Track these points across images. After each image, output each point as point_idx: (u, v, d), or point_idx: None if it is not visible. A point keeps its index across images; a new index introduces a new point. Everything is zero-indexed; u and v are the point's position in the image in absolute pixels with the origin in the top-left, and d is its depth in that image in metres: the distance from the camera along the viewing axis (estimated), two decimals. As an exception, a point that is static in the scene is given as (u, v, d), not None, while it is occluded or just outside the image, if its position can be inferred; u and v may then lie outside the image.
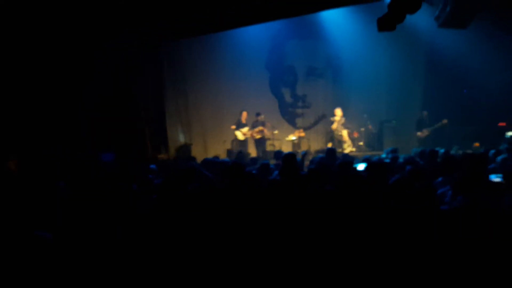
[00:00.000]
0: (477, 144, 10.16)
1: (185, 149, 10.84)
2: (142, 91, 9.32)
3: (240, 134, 11.01)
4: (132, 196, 3.73)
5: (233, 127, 11.02)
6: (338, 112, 11.16)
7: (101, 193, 3.82)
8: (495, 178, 4.01)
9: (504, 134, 10.10)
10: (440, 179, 4.23)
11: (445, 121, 10.57)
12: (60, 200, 3.85)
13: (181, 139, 11.42)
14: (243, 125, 11.00)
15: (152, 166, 6.03)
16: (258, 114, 11.14)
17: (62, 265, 2.52)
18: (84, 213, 3.27)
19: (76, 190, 4.10)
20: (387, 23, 5.60)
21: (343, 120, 11.17)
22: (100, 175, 4.86)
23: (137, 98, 9.08)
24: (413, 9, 5.17)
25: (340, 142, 11.17)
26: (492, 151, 5.80)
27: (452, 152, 7.74)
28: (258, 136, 11.12)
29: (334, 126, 11.14)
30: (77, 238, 2.87)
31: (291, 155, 5.21)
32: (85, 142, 7.56)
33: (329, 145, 11.06)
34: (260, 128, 10.95)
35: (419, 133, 11.04)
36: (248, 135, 11.05)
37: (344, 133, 11.12)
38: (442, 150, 6.64)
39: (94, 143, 7.82)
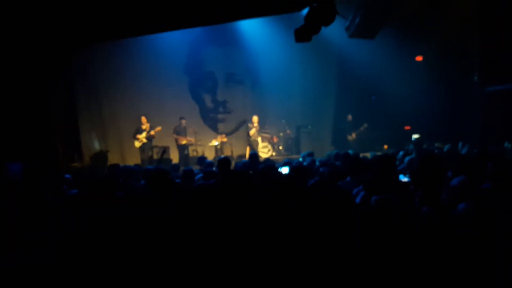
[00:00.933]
0: (386, 146, 11.08)
1: (101, 156, 10.33)
2: (51, 97, 8.69)
3: (136, 142, 10.70)
4: (46, 208, 3.47)
5: (132, 136, 10.71)
6: (255, 119, 11.42)
7: (9, 208, 3.52)
8: (404, 178, 4.40)
9: (410, 136, 11.15)
10: (348, 178, 4.53)
11: (365, 125, 11.36)
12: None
13: (96, 146, 10.86)
14: (142, 131, 10.67)
15: (67, 175, 5.67)
16: (181, 118, 11.00)
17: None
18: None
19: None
20: (303, 34, 5.89)
21: (258, 127, 11.45)
22: (7, 188, 4.44)
23: (46, 105, 8.45)
24: (328, 22, 5.50)
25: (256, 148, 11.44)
26: (401, 153, 6.34)
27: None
28: (183, 142, 10.96)
29: (252, 132, 11.37)
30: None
31: (226, 160, 5.27)
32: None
33: (247, 149, 11.29)
34: (151, 133, 10.62)
35: (349, 137, 11.73)
36: (144, 141, 10.70)
37: (259, 139, 11.43)
38: (351, 152, 7.13)
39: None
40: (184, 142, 11.01)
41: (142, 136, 10.60)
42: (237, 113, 12.78)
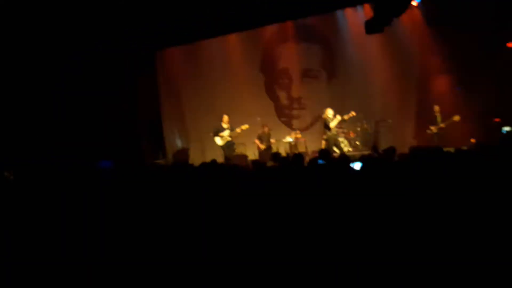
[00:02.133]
0: (473, 140, 10.20)
1: (183, 153, 10.88)
2: (138, 97, 9.36)
3: (218, 139, 10.81)
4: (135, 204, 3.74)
5: (211, 134, 10.86)
6: (330, 111, 10.82)
7: (102, 202, 3.84)
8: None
9: (500, 129, 10.17)
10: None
11: (456, 117, 10.47)
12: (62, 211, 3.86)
13: (179, 144, 11.45)
14: (223, 130, 10.78)
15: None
16: (263, 126, 11.20)
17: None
18: (87, 223, 3.28)
19: (74, 200, 4.11)
20: (374, 25, 5.68)
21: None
22: (99, 183, 4.86)
23: (133, 104, 9.11)
24: (398, 13, 5.23)
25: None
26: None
27: None
28: (263, 147, 11.16)
29: (333, 125, 10.72)
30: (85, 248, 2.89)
31: (299, 156, 5.29)
32: (81, 151, 7.57)
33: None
34: (238, 130, 10.65)
35: (432, 128, 10.92)
36: (228, 139, 10.80)
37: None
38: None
39: (91, 152, 7.83)
40: (263, 147, 11.18)
41: (226, 134, 10.77)
42: (312, 108, 12.65)
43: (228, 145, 10.89)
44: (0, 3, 6.14)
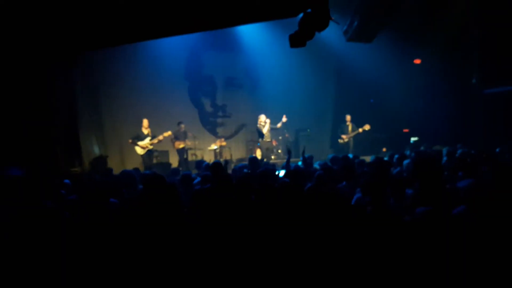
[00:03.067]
0: (384, 149, 11.09)
1: (101, 161, 10.34)
2: (51, 102, 8.73)
3: (139, 149, 10.37)
4: (45, 213, 3.49)
5: (130, 141, 10.38)
6: (263, 117, 11.01)
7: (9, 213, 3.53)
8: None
9: (409, 139, 11.16)
10: (344, 183, 4.56)
11: (367, 126, 10.92)
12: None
13: (96, 151, 10.88)
14: (144, 136, 10.33)
15: (66, 180, 5.69)
16: (179, 123, 10.98)
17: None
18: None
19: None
20: (298, 39, 5.92)
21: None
22: (6, 191, 4.46)
23: (46, 109, 8.48)
24: (321, 27, 5.53)
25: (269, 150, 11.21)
26: (396, 156, 6.35)
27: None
28: (180, 146, 10.94)
29: (266, 130, 10.90)
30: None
31: (219, 164, 5.29)
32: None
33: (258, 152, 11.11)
34: (160, 138, 10.29)
35: (343, 137, 11.34)
36: (150, 147, 10.39)
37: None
38: (350, 155, 7.15)
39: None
40: (181, 146, 10.98)
41: (146, 143, 10.32)
42: (237, 117, 12.84)
43: (148, 154, 10.49)
44: None
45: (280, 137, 12.04)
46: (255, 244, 2.81)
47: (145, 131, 10.44)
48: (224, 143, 11.84)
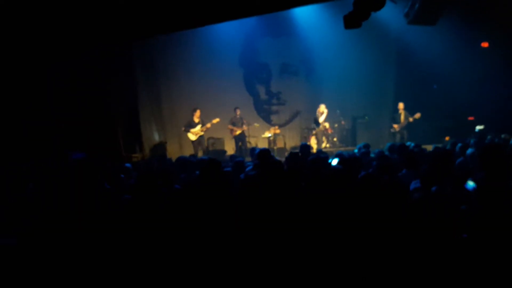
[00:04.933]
0: (447, 138, 10.46)
1: (160, 148, 10.73)
2: (114, 90, 9.17)
3: (191, 135, 10.78)
4: (103, 195, 3.67)
5: (183, 128, 10.82)
6: (323, 107, 11.27)
7: (71, 192, 3.75)
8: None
9: (474, 128, 10.45)
10: (404, 171, 4.34)
11: (417, 115, 10.67)
12: (30, 202, 3.76)
13: (156, 138, 11.30)
14: (195, 124, 10.75)
15: (127, 164, 5.94)
16: (236, 108, 11.13)
17: (27, 269, 2.46)
18: (53, 213, 3.20)
19: (46, 191, 4.02)
20: (352, 20, 5.71)
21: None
22: (70, 174, 4.75)
23: (109, 98, 8.93)
24: (377, 7, 5.28)
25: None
26: (459, 145, 5.97)
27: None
28: (237, 132, 11.06)
29: (322, 120, 11.19)
30: (46, 240, 2.81)
31: (265, 152, 5.26)
32: (56, 144, 7.40)
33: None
34: (208, 125, 10.69)
35: (395, 126, 11.10)
36: (201, 133, 10.80)
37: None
38: (412, 144, 6.81)
39: (65, 145, 7.67)
40: (238, 132, 11.09)
41: (198, 130, 10.72)
42: (291, 104, 12.71)
43: (200, 140, 10.85)
44: None
45: (336, 125, 11.77)
46: (304, 231, 2.76)
47: (196, 120, 10.79)
48: (278, 131, 11.79)
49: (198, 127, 10.75)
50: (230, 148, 11.42)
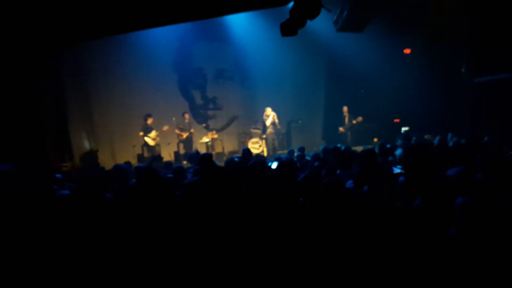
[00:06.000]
0: (375, 139, 11.14)
1: (91, 156, 10.27)
2: (41, 96, 8.61)
3: (150, 140, 10.77)
4: (36, 208, 3.45)
5: (141, 133, 10.73)
6: (269, 110, 11.38)
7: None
8: (397, 170, 4.44)
9: (399, 129, 11.22)
10: (338, 171, 4.58)
11: (359, 118, 11.34)
12: None
13: (86, 146, 10.79)
14: (150, 129, 10.76)
15: (58, 175, 5.63)
16: (184, 114, 11.21)
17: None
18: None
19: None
20: (289, 28, 5.90)
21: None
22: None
23: (36, 104, 8.36)
24: (313, 15, 5.51)
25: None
26: (388, 146, 6.40)
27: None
28: (184, 136, 11.04)
29: (268, 123, 11.33)
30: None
31: (207, 156, 5.26)
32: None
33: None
34: (164, 129, 10.84)
35: (340, 129, 11.73)
36: (158, 139, 10.88)
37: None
38: (343, 147, 7.17)
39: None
40: (185, 135, 11.10)
41: (154, 135, 10.77)
42: (228, 109, 12.78)
43: (158, 145, 10.94)
44: None
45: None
46: (248, 235, 2.81)
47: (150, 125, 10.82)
48: (216, 136, 11.81)
49: (153, 132, 10.75)
50: (166, 155, 11.20)
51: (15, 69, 7.47)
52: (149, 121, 10.75)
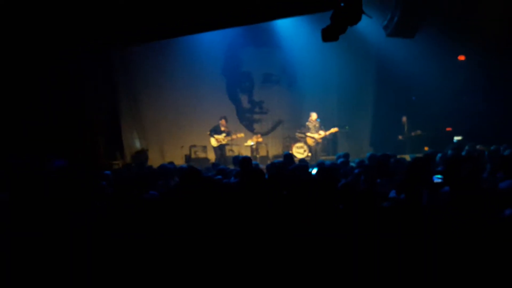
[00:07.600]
0: (426, 148, 10.70)
1: (142, 155, 10.66)
2: (93, 97, 9.06)
3: (213, 140, 11.02)
4: (81, 203, 3.63)
5: (208, 132, 11.02)
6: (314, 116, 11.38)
7: (50, 200, 3.70)
8: (437, 180, 4.26)
9: (452, 138, 10.73)
10: (378, 180, 4.45)
11: (418, 132, 11.06)
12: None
13: (137, 144, 11.22)
14: (220, 132, 11.00)
15: (107, 172, 5.89)
16: (222, 118, 11.21)
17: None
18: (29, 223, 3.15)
19: (21, 201, 3.94)
20: (330, 33, 5.86)
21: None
22: (49, 181, 4.68)
23: (88, 104, 8.82)
24: (354, 21, 5.43)
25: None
26: (439, 155, 6.13)
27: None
28: (224, 141, 11.15)
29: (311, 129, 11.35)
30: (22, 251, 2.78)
31: (246, 160, 5.31)
32: (33, 150, 7.25)
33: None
34: (233, 137, 11.06)
35: (400, 137, 11.53)
36: (223, 142, 11.06)
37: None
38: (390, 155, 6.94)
39: (43, 151, 7.51)
40: (225, 141, 11.17)
41: (221, 137, 10.98)
42: (273, 113, 12.82)
43: (220, 148, 11.10)
44: None
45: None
46: (280, 239, 2.80)
47: (222, 128, 11.04)
48: (260, 139, 11.86)
49: (223, 135, 10.97)
50: (213, 157, 11.42)
51: (68, 67, 7.93)
52: (222, 122, 11.02)
